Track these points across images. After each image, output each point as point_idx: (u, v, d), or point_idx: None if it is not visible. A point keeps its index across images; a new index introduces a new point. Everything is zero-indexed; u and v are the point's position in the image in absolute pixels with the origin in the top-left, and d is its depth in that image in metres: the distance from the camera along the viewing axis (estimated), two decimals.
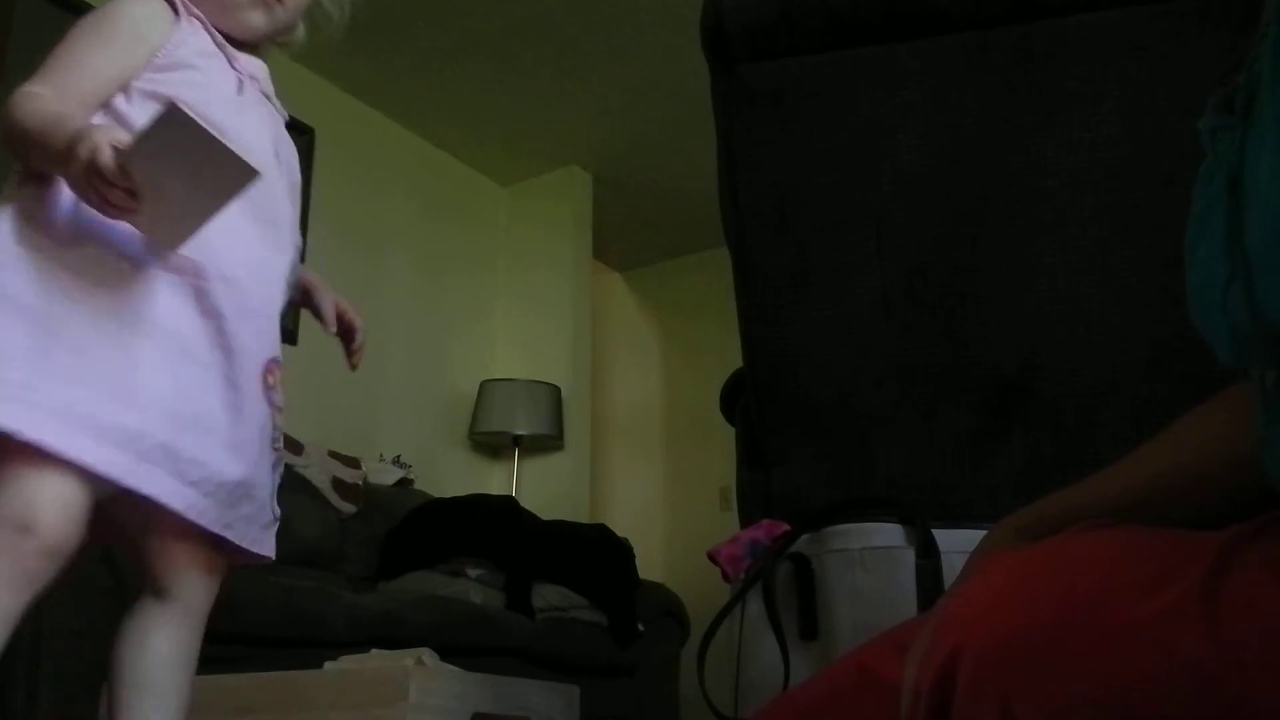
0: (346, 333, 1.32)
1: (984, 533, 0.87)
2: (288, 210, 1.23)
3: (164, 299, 1.07)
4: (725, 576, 1.31)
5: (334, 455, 3.34)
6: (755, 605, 1.24)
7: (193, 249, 1.07)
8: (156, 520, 1.09)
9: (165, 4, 1.17)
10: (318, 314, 1.32)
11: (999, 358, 1.25)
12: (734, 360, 1.46)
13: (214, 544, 1.13)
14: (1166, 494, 0.78)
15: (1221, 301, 0.61)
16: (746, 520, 1.39)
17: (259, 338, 1.14)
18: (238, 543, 1.12)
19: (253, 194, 1.04)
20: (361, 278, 3.99)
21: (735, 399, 1.50)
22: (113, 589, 1.97)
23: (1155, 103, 1.22)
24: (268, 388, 1.15)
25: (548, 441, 4.24)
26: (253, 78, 1.28)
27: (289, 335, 3.68)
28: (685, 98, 3.81)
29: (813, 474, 1.34)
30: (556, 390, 4.24)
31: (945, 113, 1.31)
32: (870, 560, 1.19)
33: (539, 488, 4.22)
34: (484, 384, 4.24)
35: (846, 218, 1.34)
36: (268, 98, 1.30)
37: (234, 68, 1.24)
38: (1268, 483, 0.68)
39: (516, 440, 4.19)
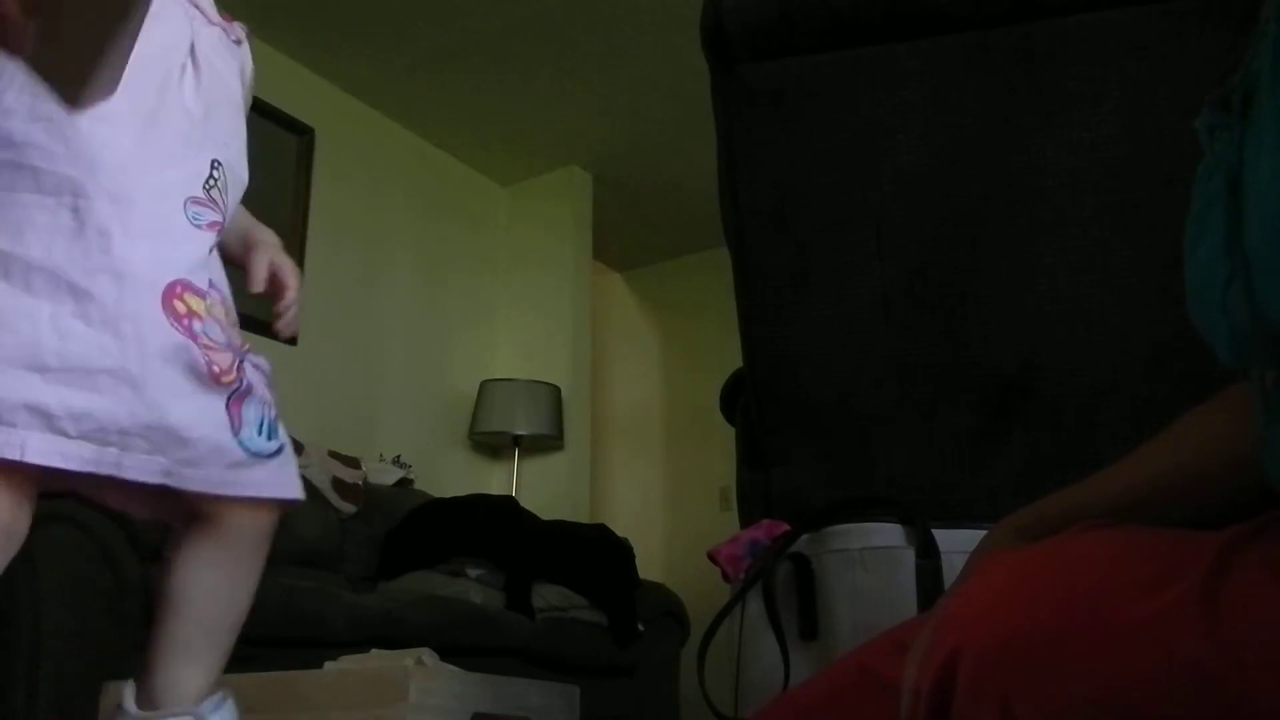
0: (276, 292, 1.21)
1: (984, 533, 0.87)
2: (200, 125, 1.09)
3: (33, 230, 0.98)
4: (725, 576, 1.32)
5: (334, 455, 3.34)
6: (755, 605, 1.24)
7: (75, 164, 0.98)
8: (95, 485, 1.02)
9: None
10: (248, 270, 1.20)
11: (999, 358, 1.25)
12: (734, 360, 1.46)
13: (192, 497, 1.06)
14: (1166, 494, 0.78)
15: (1221, 301, 0.61)
16: (746, 520, 1.39)
17: (154, 262, 1.02)
18: (196, 489, 1.04)
19: (151, 99, 0.98)
20: (361, 278, 3.99)
21: (735, 399, 1.50)
22: (113, 589, 1.97)
23: (1155, 103, 1.22)
24: (175, 314, 1.03)
25: (548, 441, 4.24)
26: None
27: (289, 338, 3.68)
28: (685, 98, 3.81)
29: (813, 474, 1.34)
30: (556, 390, 4.24)
31: (945, 113, 1.31)
32: (870, 560, 1.19)
33: (539, 488, 4.22)
34: (484, 384, 4.24)
35: (846, 218, 1.34)
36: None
37: None
38: (1268, 482, 0.68)
39: (516, 440, 4.19)
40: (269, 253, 1.21)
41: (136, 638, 2.02)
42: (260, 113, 3.62)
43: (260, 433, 1.10)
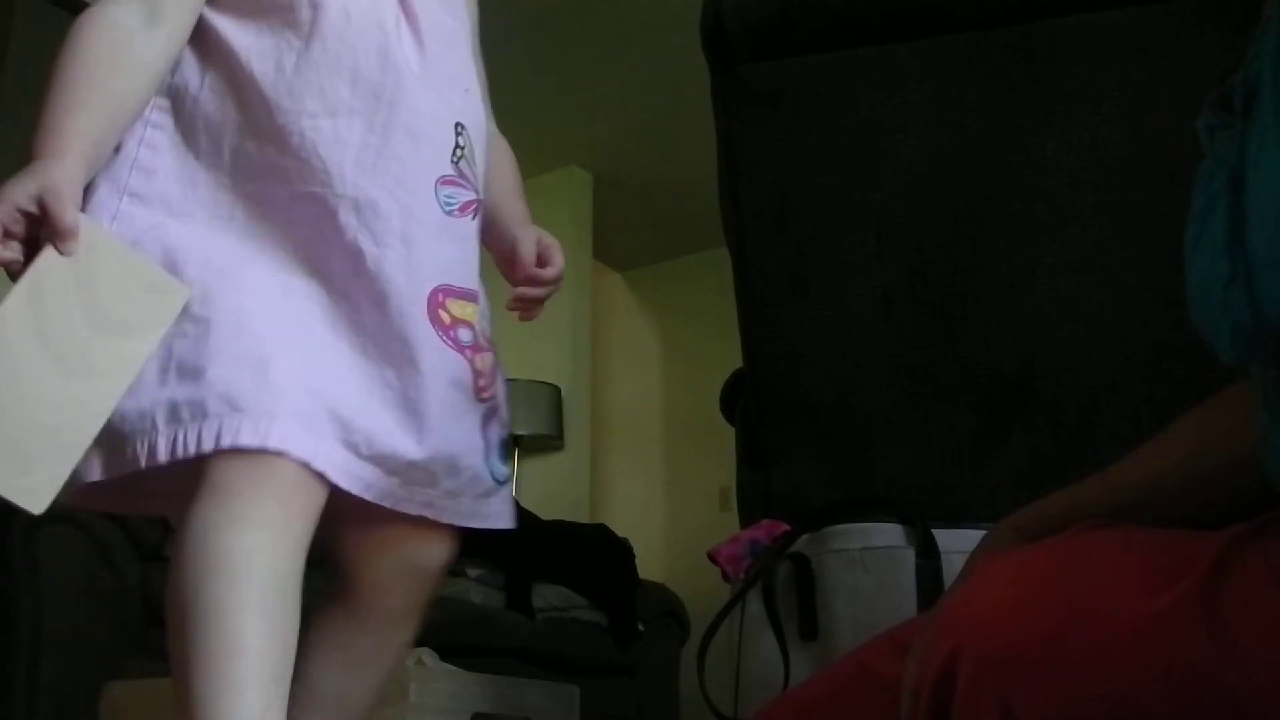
0: (535, 276, 1.01)
1: (984, 533, 0.87)
2: (433, 88, 0.91)
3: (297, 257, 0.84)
4: (725, 576, 1.31)
5: None
6: (755, 605, 1.24)
7: (310, 178, 0.84)
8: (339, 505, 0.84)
9: None
10: (508, 255, 0.99)
11: (999, 358, 1.25)
12: (734, 360, 1.46)
13: (413, 525, 0.89)
14: (1166, 494, 0.78)
15: (1222, 300, 0.61)
16: (746, 520, 1.39)
17: (411, 272, 0.86)
18: (448, 520, 0.90)
19: (374, 71, 0.83)
20: None
21: (735, 399, 1.50)
22: (113, 589, 1.97)
23: (1155, 103, 1.22)
24: (443, 326, 0.88)
25: (547, 441, 4.24)
26: None
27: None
28: (685, 97, 3.81)
29: (813, 474, 1.34)
30: (556, 390, 4.24)
31: (945, 113, 1.31)
32: (870, 560, 1.18)
33: (539, 488, 4.22)
34: None
35: (846, 218, 1.34)
36: None
37: None
38: (1268, 482, 0.68)
39: (516, 440, 4.19)
40: (535, 231, 1.03)
41: (136, 638, 2.02)
42: None
43: (500, 456, 0.96)
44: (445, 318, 0.88)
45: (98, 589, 1.95)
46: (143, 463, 0.76)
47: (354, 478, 0.81)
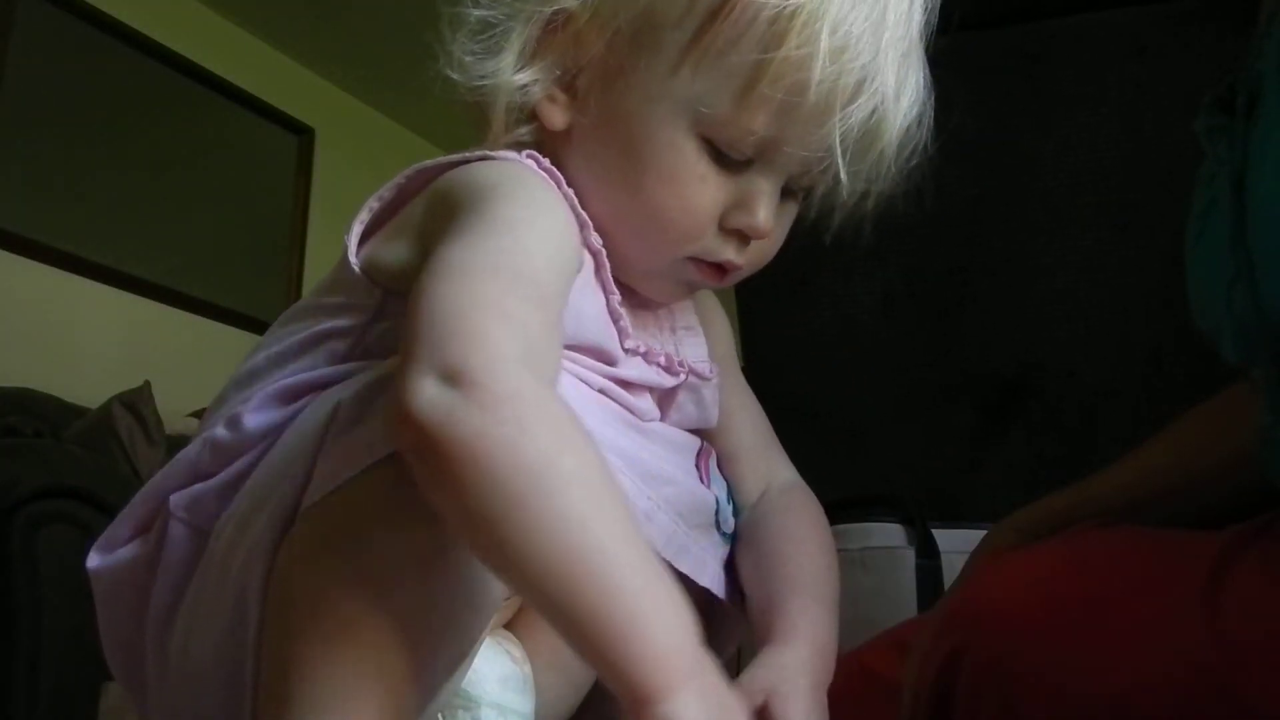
0: None
1: (984, 533, 0.87)
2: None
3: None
4: None
5: None
6: None
7: None
8: None
9: (569, 214, 0.64)
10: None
11: (999, 358, 1.25)
12: None
13: None
14: (1166, 494, 0.78)
15: (1226, 299, 0.61)
16: None
17: None
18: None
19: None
20: None
21: None
22: None
23: (1155, 103, 1.22)
24: None
25: None
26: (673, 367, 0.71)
27: None
28: None
29: (812, 474, 1.34)
30: None
31: (944, 113, 1.31)
32: (870, 560, 1.18)
33: None
34: None
35: (846, 217, 1.34)
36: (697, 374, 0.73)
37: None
38: (1269, 481, 0.68)
39: None
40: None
41: None
42: (260, 113, 3.64)
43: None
44: None
45: None
46: None
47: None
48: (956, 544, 1.12)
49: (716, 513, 0.71)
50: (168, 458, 2.55)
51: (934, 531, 1.16)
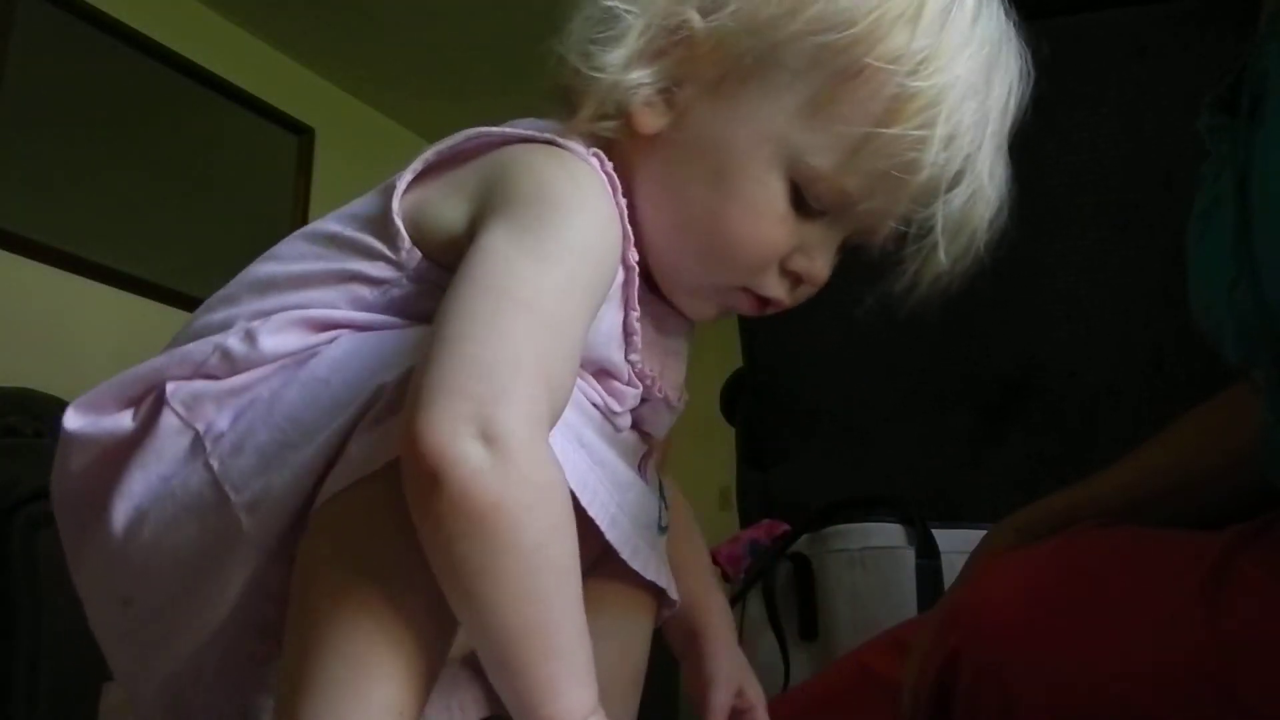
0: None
1: (984, 533, 0.87)
2: None
3: None
4: (725, 577, 1.32)
5: None
6: (755, 605, 1.24)
7: None
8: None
9: (619, 230, 0.64)
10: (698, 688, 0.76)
11: (999, 358, 1.25)
12: (734, 360, 1.46)
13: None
14: (1166, 494, 0.79)
15: (1228, 299, 0.61)
16: (746, 520, 1.39)
17: None
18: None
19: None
20: None
21: (735, 399, 1.50)
22: None
23: (1155, 103, 1.22)
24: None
25: None
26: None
27: None
28: None
29: (813, 474, 1.34)
30: None
31: None
32: (870, 560, 1.19)
33: None
34: None
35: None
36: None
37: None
38: (1269, 481, 0.68)
39: None
40: (731, 670, 0.76)
41: None
42: (260, 113, 3.64)
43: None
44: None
45: None
46: None
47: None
48: (956, 544, 1.12)
49: (659, 513, 0.74)
50: None
51: (934, 531, 1.16)
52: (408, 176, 0.62)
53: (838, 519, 1.22)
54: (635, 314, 0.67)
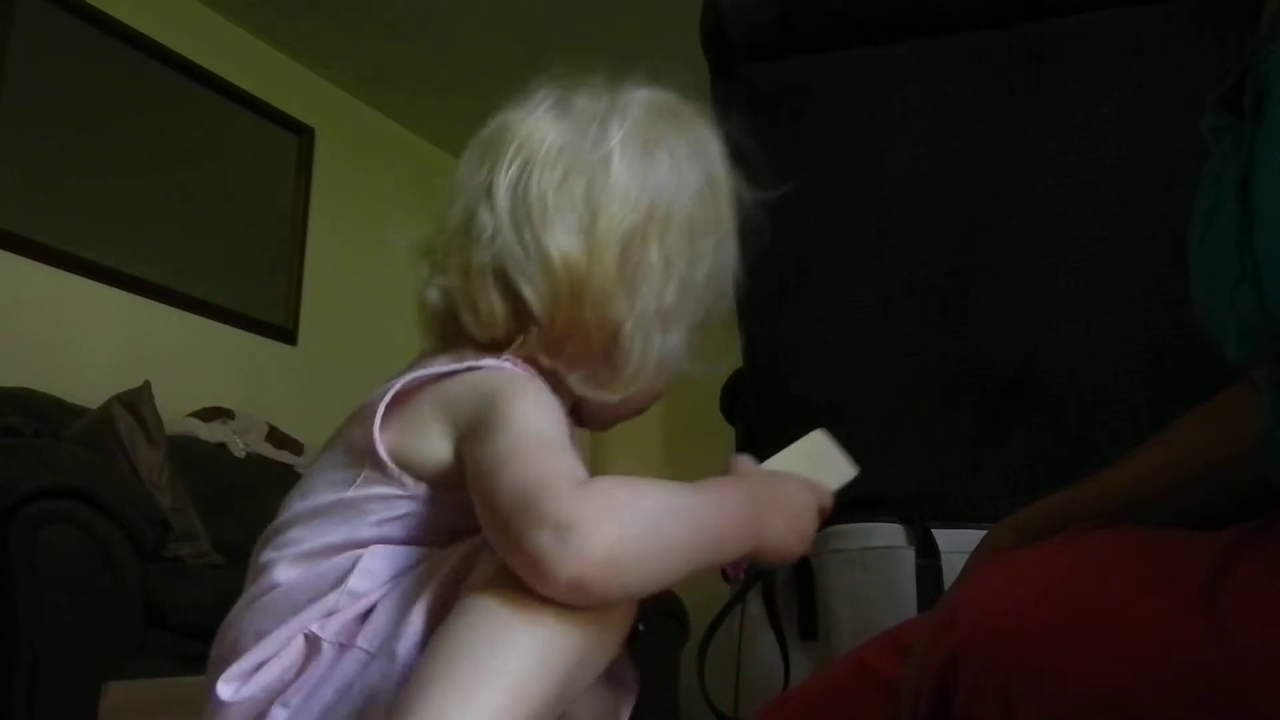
0: None
1: (984, 533, 0.87)
2: None
3: None
4: (725, 576, 1.31)
5: None
6: (755, 605, 1.24)
7: None
8: None
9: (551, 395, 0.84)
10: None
11: (999, 358, 1.25)
12: (734, 360, 1.46)
13: None
14: (1166, 494, 0.79)
15: (1230, 298, 0.61)
16: None
17: None
18: None
19: None
20: (362, 277, 3.99)
21: (735, 399, 1.49)
22: (113, 589, 1.97)
23: (1155, 103, 1.22)
24: None
25: None
26: None
27: (289, 335, 3.69)
28: (685, 98, 3.81)
29: None
30: None
31: (945, 113, 1.31)
32: (870, 560, 1.19)
33: None
34: None
35: (847, 218, 1.34)
36: None
37: None
38: (1269, 481, 0.68)
39: None
40: None
41: (136, 638, 2.02)
42: (260, 113, 3.64)
43: None
44: None
45: (98, 589, 1.94)
46: None
47: None
48: (956, 544, 1.12)
49: None
50: (167, 457, 2.54)
51: (934, 531, 1.16)
52: (378, 434, 0.75)
53: (838, 519, 1.22)
54: (569, 421, 0.87)
